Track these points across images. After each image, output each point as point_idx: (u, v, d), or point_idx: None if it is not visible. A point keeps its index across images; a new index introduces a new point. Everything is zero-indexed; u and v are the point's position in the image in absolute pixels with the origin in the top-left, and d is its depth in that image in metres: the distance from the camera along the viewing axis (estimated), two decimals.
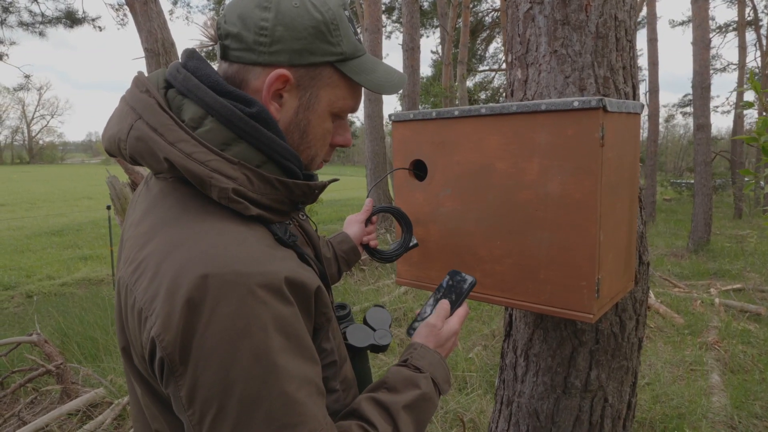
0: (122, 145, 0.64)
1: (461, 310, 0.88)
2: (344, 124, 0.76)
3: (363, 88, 0.72)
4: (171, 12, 14.04)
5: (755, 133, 1.65)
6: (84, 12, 9.98)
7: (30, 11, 9.67)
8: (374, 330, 0.87)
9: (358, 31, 0.73)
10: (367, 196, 1.26)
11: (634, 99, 1.28)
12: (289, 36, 0.65)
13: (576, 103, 0.93)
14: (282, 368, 0.56)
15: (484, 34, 20.69)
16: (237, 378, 0.55)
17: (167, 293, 0.56)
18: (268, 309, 0.56)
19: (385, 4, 16.68)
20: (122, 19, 10.12)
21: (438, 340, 0.83)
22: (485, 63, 22.20)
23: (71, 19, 9.81)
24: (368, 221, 1.21)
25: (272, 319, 0.57)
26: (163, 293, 0.56)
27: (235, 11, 0.66)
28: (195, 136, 0.62)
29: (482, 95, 22.60)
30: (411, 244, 1.16)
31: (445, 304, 0.88)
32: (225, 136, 0.64)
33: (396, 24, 18.15)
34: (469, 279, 0.91)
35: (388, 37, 19.08)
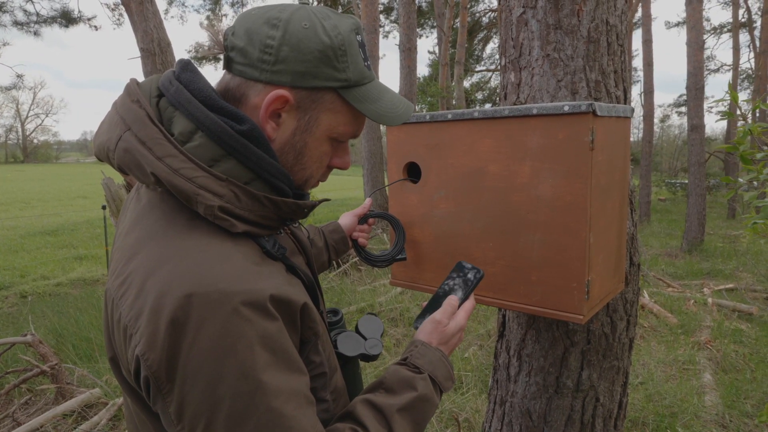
0: (111, 155, 0.64)
1: (468, 305, 0.88)
2: (344, 146, 0.75)
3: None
4: (166, 11, 13.96)
5: (735, 142, 1.67)
6: (80, 11, 9.93)
7: (25, 11, 9.61)
8: (365, 339, 0.87)
9: (368, 56, 0.72)
10: (367, 197, 1.28)
11: (625, 103, 1.30)
12: (293, 57, 0.64)
13: (566, 108, 0.95)
14: (268, 384, 0.57)
15: (482, 35, 20.74)
16: (224, 395, 0.56)
17: (151, 312, 0.56)
18: (253, 327, 0.57)
19: (383, 4, 16.67)
20: (118, 19, 10.08)
21: (442, 336, 0.83)
22: (482, 63, 22.26)
23: (67, 18, 9.76)
24: (364, 220, 1.23)
25: (257, 337, 0.57)
26: (148, 312, 0.56)
27: (244, 25, 0.66)
28: (183, 151, 0.61)
29: (479, 95, 22.64)
30: (399, 256, 1.17)
31: (453, 300, 0.87)
32: (214, 152, 0.63)
33: (394, 24, 18.15)
34: (477, 272, 0.91)
35: (386, 36, 19.08)
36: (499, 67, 1.41)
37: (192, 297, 0.55)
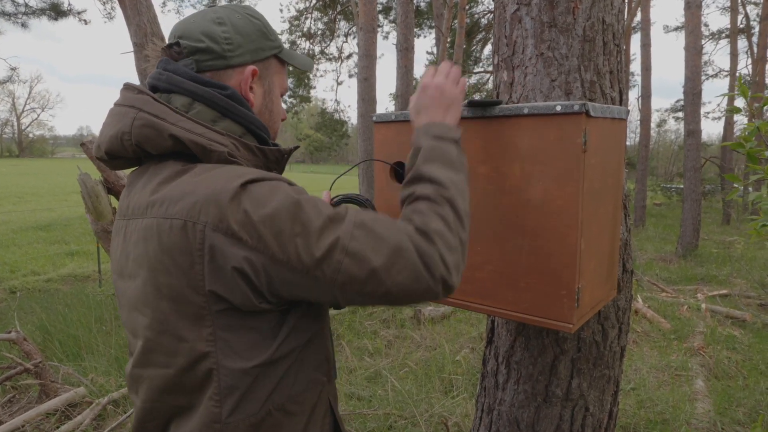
0: (125, 138, 0.74)
1: (454, 72, 0.96)
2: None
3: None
4: (163, 5, 13.87)
5: (742, 139, 1.62)
6: (70, 4, 9.76)
7: (13, 1, 9.45)
8: None
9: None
10: (329, 190, 1.23)
11: (620, 104, 1.26)
12: (245, 41, 0.83)
13: (559, 108, 0.91)
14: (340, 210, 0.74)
15: (480, 36, 20.71)
16: (300, 214, 0.70)
17: (210, 198, 0.67)
18: (305, 192, 0.73)
19: (382, 3, 16.60)
20: (109, 13, 9.95)
21: (430, 101, 0.94)
22: (480, 65, 22.23)
23: (56, 11, 9.60)
24: None
25: (309, 196, 0.73)
26: (204, 199, 0.67)
27: (196, 29, 0.81)
28: (189, 117, 0.75)
29: (476, 97, 22.63)
30: None
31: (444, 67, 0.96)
32: (212, 114, 0.78)
33: (393, 24, 18.08)
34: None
35: (386, 37, 18.94)
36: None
37: (245, 181, 0.69)
